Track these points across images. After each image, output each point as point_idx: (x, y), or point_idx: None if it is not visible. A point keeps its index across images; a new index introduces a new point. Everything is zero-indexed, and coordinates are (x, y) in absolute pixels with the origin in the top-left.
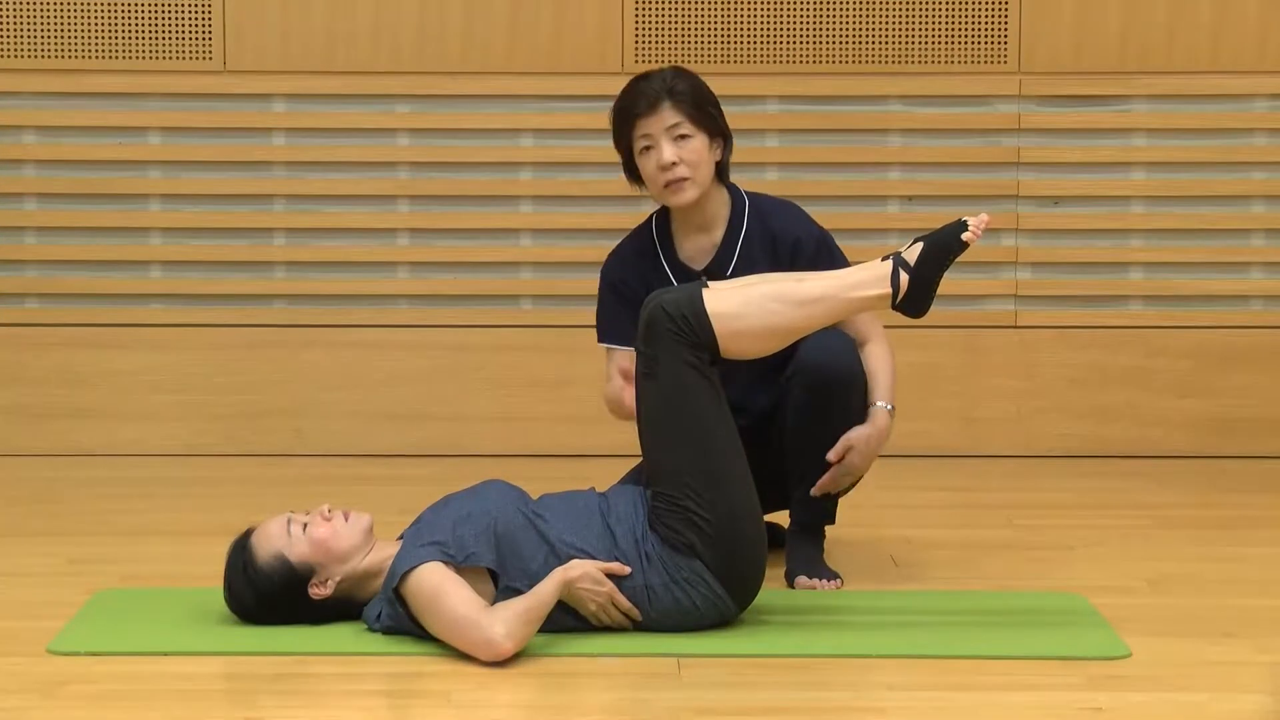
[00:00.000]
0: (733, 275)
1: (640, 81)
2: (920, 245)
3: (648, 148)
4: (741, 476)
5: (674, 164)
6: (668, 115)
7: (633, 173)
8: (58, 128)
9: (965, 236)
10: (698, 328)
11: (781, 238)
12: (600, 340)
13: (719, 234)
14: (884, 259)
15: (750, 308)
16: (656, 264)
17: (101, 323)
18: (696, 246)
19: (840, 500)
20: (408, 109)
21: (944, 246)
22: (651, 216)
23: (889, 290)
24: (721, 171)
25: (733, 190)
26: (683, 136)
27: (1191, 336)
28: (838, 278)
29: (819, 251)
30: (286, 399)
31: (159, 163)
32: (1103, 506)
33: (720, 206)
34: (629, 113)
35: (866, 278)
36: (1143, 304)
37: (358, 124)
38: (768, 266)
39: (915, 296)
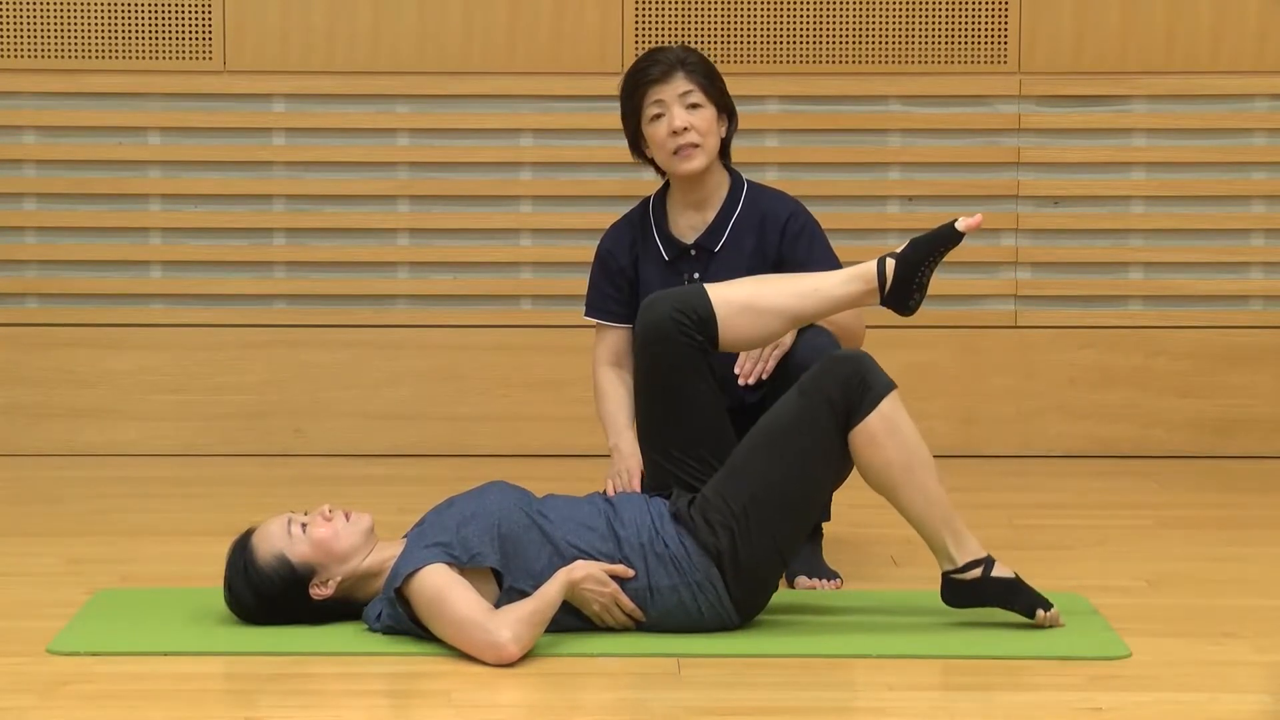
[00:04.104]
0: (720, 252)
1: (653, 53)
2: (910, 241)
3: (659, 115)
4: (806, 516)
5: (686, 129)
6: (681, 83)
7: (637, 148)
8: (58, 128)
9: (959, 225)
10: (703, 323)
11: (771, 216)
12: (585, 313)
13: (712, 213)
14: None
15: (746, 287)
16: (648, 234)
17: (101, 323)
18: (689, 223)
19: (840, 500)
20: (408, 109)
21: (931, 237)
22: (652, 193)
23: (875, 285)
24: (723, 151)
25: (733, 173)
26: (695, 105)
27: (1191, 336)
28: (829, 273)
29: (802, 231)
30: (286, 399)
31: (159, 163)
32: (1103, 506)
33: (719, 186)
34: (641, 79)
35: (856, 272)
36: (1143, 304)
37: (358, 124)
38: (754, 244)
39: (901, 280)
